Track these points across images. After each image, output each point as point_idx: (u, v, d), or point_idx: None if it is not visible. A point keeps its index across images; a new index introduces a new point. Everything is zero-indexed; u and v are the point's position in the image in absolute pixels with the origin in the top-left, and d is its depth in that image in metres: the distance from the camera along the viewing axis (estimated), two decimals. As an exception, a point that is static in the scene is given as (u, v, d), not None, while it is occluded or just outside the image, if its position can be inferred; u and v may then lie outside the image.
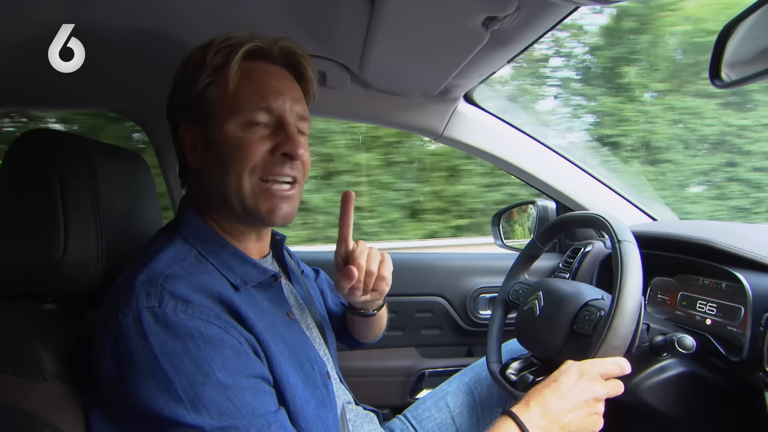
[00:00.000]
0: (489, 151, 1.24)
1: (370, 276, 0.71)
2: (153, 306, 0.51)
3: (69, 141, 0.63)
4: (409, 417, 0.97)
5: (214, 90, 0.62)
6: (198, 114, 0.63)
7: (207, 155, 0.63)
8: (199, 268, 0.58)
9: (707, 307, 0.89)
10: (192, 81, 0.62)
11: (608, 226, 0.75)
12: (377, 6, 0.70)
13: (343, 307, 0.95)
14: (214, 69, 0.61)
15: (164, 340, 0.49)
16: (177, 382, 0.48)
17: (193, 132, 0.64)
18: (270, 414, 0.53)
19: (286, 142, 0.62)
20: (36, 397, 0.53)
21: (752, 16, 0.62)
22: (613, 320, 0.66)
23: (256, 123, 0.61)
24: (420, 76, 1.01)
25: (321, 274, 1.02)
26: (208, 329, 0.51)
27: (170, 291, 0.52)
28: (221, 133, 0.61)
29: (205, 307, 0.53)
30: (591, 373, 0.64)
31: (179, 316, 0.51)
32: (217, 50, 0.61)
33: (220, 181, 0.61)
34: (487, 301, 1.34)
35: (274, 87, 0.63)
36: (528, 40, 0.81)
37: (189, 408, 0.48)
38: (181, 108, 0.65)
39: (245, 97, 0.61)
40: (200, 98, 0.62)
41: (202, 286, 0.55)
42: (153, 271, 0.54)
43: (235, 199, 0.62)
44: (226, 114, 0.61)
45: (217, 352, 0.51)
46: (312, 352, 0.65)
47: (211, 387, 0.49)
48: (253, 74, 0.63)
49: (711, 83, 0.66)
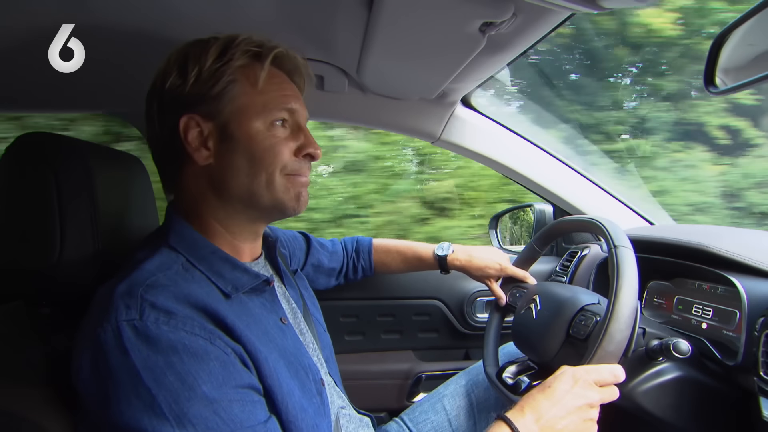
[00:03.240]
0: (486, 155, 1.24)
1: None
2: (133, 319, 0.49)
3: (66, 143, 0.63)
4: (405, 420, 0.97)
5: (237, 88, 0.62)
6: (213, 109, 0.61)
7: (223, 150, 0.62)
8: (185, 277, 0.56)
9: (703, 311, 0.89)
10: (213, 78, 0.60)
11: (604, 231, 0.76)
12: (375, 10, 0.71)
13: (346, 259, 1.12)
14: (238, 68, 0.62)
15: (146, 355, 0.47)
16: (161, 399, 0.46)
17: (203, 126, 0.61)
18: (259, 425, 0.51)
19: (310, 144, 0.65)
20: (29, 402, 0.52)
21: (747, 23, 0.62)
22: (609, 325, 0.66)
23: (276, 123, 0.63)
24: (417, 80, 1.01)
25: (312, 241, 1.06)
26: (192, 341, 0.49)
27: (151, 302, 0.50)
28: (248, 130, 0.61)
29: (189, 318, 0.51)
30: (585, 379, 0.64)
31: (161, 329, 0.49)
32: (244, 50, 0.62)
33: (249, 178, 0.62)
34: (484, 305, 1.34)
35: (292, 90, 0.67)
36: (524, 46, 0.82)
37: (174, 425, 0.46)
38: (189, 102, 0.61)
39: (272, 97, 0.63)
40: (221, 95, 0.61)
41: (186, 296, 0.53)
42: (133, 281, 0.52)
43: (264, 195, 0.62)
44: (254, 111, 0.62)
45: (202, 365, 0.49)
46: (306, 359, 0.64)
47: (197, 401, 0.47)
48: (275, 78, 0.65)
49: (705, 89, 0.66)
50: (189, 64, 0.61)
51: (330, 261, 1.08)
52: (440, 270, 1.08)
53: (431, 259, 1.08)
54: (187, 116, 0.61)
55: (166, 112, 0.62)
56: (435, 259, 1.07)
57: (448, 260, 1.05)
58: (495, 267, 1.03)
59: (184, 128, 0.61)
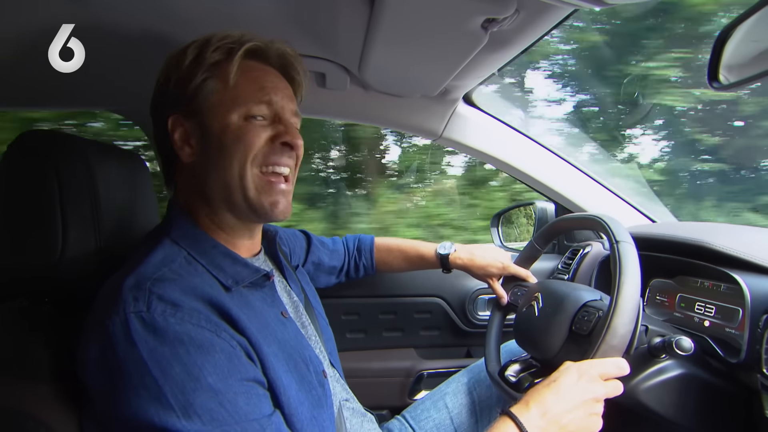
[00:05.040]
0: (488, 153, 1.24)
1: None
2: (141, 311, 0.49)
3: (67, 141, 0.63)
4: (407, 417, 0.97)
5: (213, 84, 0.63)
6: (192, 108, 0.63)
7: (203, 147, 0.63)
8: (188, 270, 0.57)
9: (705, 309, 0.89)
10: (189, 76, 0.62)
11: (606, 228, 0.76)
12: (377, 7, 0.71)
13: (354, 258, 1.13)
14: (213, 65, 0.62)
15: (153, 346, 0.48)
16: (167, 389, 0.47)
17: (185, 125, 0.63)
18: (264, 418, 0.52)
19: (286, 131, 0.64)
20: (33, 398, 0.52)
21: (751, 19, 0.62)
22: (612, 320, 0.66)
23: (254, 116, 0.63)
24: (419, 78, 1.01)
25: (312, 239, 1.06)
26: (198, 333, 0.50)
27: (159, 295, 0.51)
28: (222, 124, 0.62)
29: (195, 311, 0.52)
30: (590, 373, 0.64)
31: (168, 321, 0.49)
32: (216, 47, 0.62)
33: (221, 172, 0.62)
34: (485, 303, 1.34)
35: (272, 83, 0.66)
36: (527, 42, 0.81)
37: (180, 415, 0.47)
38: (173, 102, 0.64)
39: (246, 91, 0.63)
40: (197, 93, 0.63)
41: (192, 288, 0.54)
42: (141, 275, 0.53)
43: (237, 191, 0.62)
44: (227, 106, 0.62)
45: (208, 357, 0.50)
46: (307, 351, 0.64)
47: (203, 393, 0.48)
48: (252, 71, 0.65)
49: (709, 85, 0.66)
50: (172, 66, 0.64)
51: (331, 259, 1.08)
52: (442, 269, 1.08)
53: (433, 258, 1.08)
54: (173, 116, 0.64)
55: (158, 112, 0.66)
56: (437, 257, 1.07)
57: (450, 259, 1.05)
58: (497, 265, 1.03)
59: (171, 127, 0.64)
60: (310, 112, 1.16)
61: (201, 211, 0.65)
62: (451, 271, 1.08)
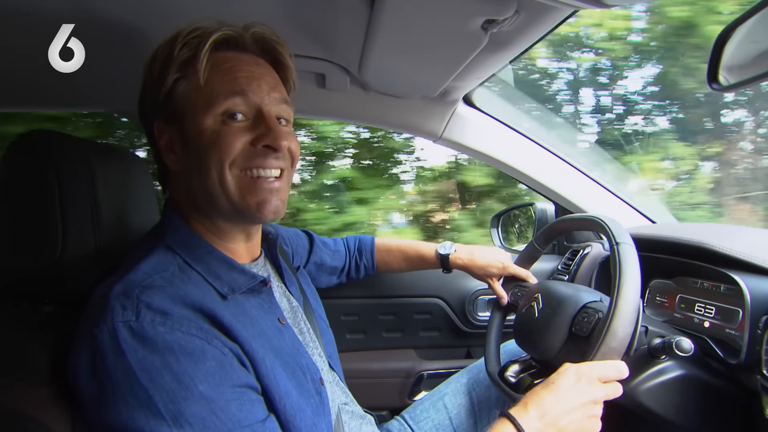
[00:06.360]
0: (488, 153, 1.24)
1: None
2: (129, 320, 0.48)
3: (67, 142, 0.63)
4: (406, 418, 0.97)
5: (184, 85, 0.58)
6: (170, 113, 0.60)
7: (185, 155, 0.60)
8: (181, 278, 0.56)
9: (705, 310, 0.89)
10: (160, 78, 0.59)
11: (606, 228, 0.76)
12: (377, 8, 0.71)
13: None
14: (182, 63, 0.58)
15: (142, 355, 0.47)
16: (157, 399, 0.46)
17: (168, 132, 0.61)
18: (257, 424, 0.51)
19: (267, 133, 0.58)
20: (32, 400, 0.52)
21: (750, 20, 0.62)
22: (612, 322, 0.66)
23: (232, 115, 0.58)
24: (419, 78, 1.01)
25: (315, 240, 1.05)
26: (188, 341, 0.49)
27: (147, 303, 0.50)
28: (197, 129, 0.58)
29: (185, 319, 0.50)
30: (589, 375, 0.64)
31: (158, 330, 0.48)
32: (184, 43, 0.58)
33: (202, 179, 0.58)
34: (485, 303, 1.33)
35: (248, 73, 0.60)
36: (527, 43, 0.81)
37: (171, 424, 0.46)
38: (152, 108, 0.61)
39: (218, 87, 0.58)
40: (170, 95, 0.59)
41: (182, 296, 0.52)
42: (129, 283, 0.52)
43: (221, 197, 0.58)
44: (200, 109, 0.58)
45: (199, 365, 0.49)
46: (304, 359, 0.63)
47: (194, 401, 0.47)
48: (224, 64, 0.59)
49: (709, 86, 0.66)
50: (146, 69, 0.61)
51: (332, 259, 1.08)
52: (442, 269, 1.08)
53: (433, 258, 1.08)
54: (156, 122, 0.61)
55: (143, 119, 0.64)
56: (437, 257, 1.07)
57: (450, 259, 1.05)
58: (497, 266, 1.03)
59: (157, 134, 0.62)
60: (310, 113, 1.16)
61: (194, 217, 0.63)
62: (452, 271, 1.08)
